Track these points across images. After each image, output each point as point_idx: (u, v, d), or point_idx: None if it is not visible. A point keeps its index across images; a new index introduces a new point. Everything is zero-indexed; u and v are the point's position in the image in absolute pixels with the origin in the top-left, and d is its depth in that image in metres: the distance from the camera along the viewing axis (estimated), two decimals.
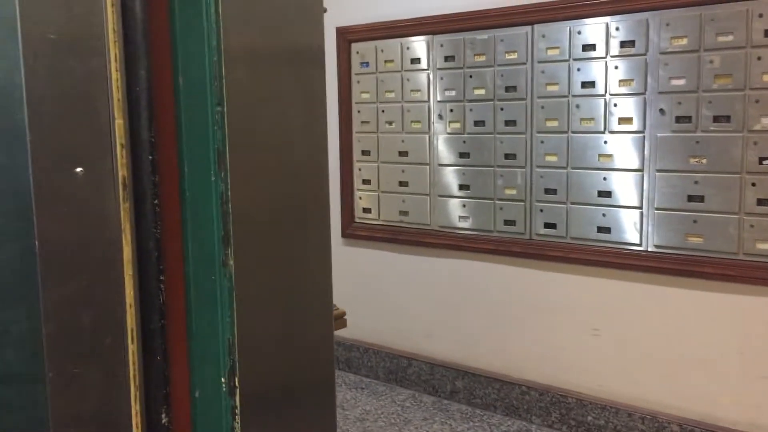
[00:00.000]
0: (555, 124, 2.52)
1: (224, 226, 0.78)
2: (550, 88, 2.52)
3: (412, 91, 2.89)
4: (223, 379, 0.78)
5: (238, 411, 0.80)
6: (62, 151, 0.68)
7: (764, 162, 2.13)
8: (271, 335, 0.96)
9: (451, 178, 2.81)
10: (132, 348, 0.73)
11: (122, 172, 0.72)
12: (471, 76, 2.71)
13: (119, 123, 0.73)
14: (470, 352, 2.86)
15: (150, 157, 0.75)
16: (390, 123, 2.97)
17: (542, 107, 2.54)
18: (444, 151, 2.82)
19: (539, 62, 2.54)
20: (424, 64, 2.84)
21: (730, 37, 2.16)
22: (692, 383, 2.34)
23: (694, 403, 2.34)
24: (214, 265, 0.78)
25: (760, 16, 2.10)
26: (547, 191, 2.56)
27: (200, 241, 0.78)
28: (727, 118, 2.18)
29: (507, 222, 2.68)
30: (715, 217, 2.23)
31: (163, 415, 0.77)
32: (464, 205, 2.79)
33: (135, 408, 0.74)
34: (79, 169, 0.68)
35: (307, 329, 1.02)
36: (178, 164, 0.77)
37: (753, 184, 2.15)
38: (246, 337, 0.83)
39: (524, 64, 2.57)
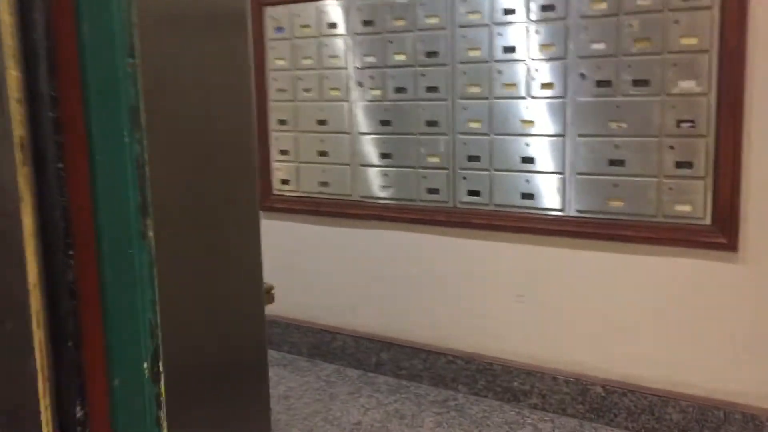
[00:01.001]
0: (477, 90, 2.48)
1: (141, 193, 0.69)
2: (471, 54, 2.48)
3: (329, 57, 2.79)
4: (145, 365, 0.70)
5: (163, 399, 0.72)
6: None
7: (682, 125, 2.16)
8: (198, 314, 0.88)
9: (372, 146, 2.75)
10: (38, 334, 0.63)
11: (18, 131, 0.62)
12: (391, 42, 2.64)
13: (13, 74, 0.62)
14: (395, 323, 2.83)
15: (51, 114, 0.65)
16: (307, 91, 2.87)
17: (464, 73, 2.50)
18: (364, 119, 2.75)
19: (460, 27, 2.49)
20: (341, 29, 2.75)
21: (649, 1, 2.17)
22: (615, 345, 2.38)
23: (617, 364, 2.38)
24: (132, 238, 0.69)
25: None
26: (471, 158, 2.53)
27: (114, 210, 0.68)
28: (646, 82, 2.20)
29: (430, 190, 2.64)
30: (635, 181, 2.25)
31: (78, 408, 0.68)
32: (386, 175, 2.73)
33: (44, 402, 0.64)
34: None
35: (236, 305, 0.94)
36: (85, 123, 0.67)
37: (671, 147, 2.18)
38: (170, 317, 0.75)
39: (445, 29, 2.52)
